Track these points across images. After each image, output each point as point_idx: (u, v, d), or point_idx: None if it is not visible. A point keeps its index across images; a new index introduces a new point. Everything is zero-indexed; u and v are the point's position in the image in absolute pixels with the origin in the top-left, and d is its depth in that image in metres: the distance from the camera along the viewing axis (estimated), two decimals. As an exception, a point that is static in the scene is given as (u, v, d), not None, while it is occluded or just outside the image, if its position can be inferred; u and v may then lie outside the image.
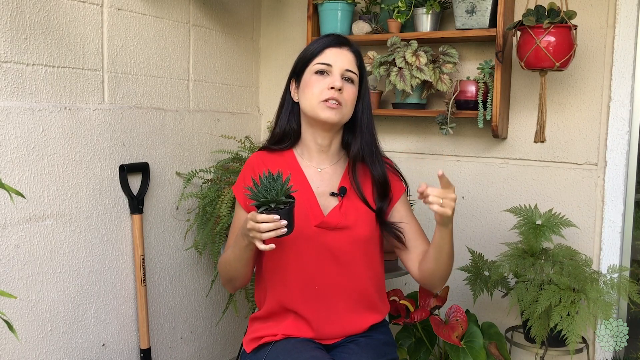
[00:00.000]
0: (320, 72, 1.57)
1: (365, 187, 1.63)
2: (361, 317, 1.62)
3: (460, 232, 2.47)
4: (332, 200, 1.61)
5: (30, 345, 1.87)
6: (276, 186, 1.37)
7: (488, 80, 2.23)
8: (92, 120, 2.03)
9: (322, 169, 1.65)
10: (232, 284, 1.67)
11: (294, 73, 1.65)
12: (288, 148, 1.67)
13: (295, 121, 1.65)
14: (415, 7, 2.35)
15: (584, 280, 1.92)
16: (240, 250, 1.53)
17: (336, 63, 1.57)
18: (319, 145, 1.63)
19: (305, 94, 1.58)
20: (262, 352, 1.58)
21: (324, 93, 1.55)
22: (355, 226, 1.58)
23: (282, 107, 1.68)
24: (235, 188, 1.68)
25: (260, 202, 1.38)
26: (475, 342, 1.96)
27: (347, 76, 1.58)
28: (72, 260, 1.99)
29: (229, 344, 2.74)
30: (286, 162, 1.65)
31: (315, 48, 1.60)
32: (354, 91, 1.59)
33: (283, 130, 1.66)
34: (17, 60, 1.80)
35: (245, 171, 1.66)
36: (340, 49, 1.60)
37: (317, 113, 1.56)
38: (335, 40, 1.61)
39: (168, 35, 2.34)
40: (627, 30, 2.12)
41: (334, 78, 1.55)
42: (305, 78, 1.59)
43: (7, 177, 1.77)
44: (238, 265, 1.58)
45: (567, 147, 2.27)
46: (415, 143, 2.56)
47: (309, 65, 1.59)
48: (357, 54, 1.63)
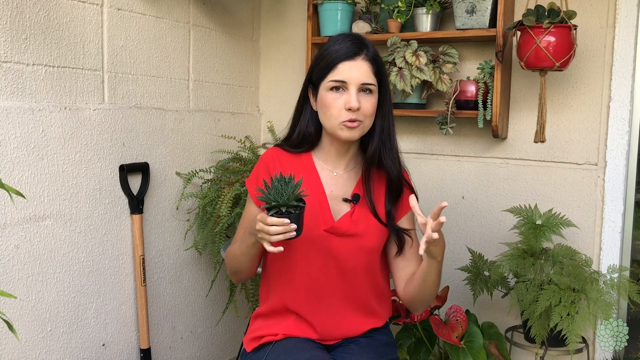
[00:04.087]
0: (336, 87, 1.52)
1: (379, 195, 1.61)
2: (360, 322, 1.62)
3: (460, 232, 2.47)
4: (344, 206, 1.60)
5: (30, 345, 1.87)
6: (287, 190, 1.35)
7: (488, 80, 2.23)
8: (92, 120, 2.03)
9: (337, 173, 1.63)
10: (238, 276, 1.68)
11: (309, 81, 1.60)
12: (306, 151, 1.65)
13: (313, 127, 1.62)
14: (415, 7, 2.35)
15: (584, 280, 1.92)
16: (246, 247, 1.53)
17: (351, 79, 1.50)
18: (337, 150, 1.61)
19: (324, 112, 1.54)
20: (263, 352, 1.58)
21: (342, 114, 1.50)
22: (364, 235, 1.57)
23: (299, 113, 1.64)
24: (249, 182, 1.64)
25: (271, 205, 1.37)
26: (475, 342, 1.96)
27: (365, 88, 1.52)
28: (72, 260, 1.99)
29: (229, 344, 2.74)
30: (302, 163, 1.63)
31: (328, 60, 1.53)
32: (373, 102, 1.54)
33: (302, 136, 1.62)
34: (17, 60, 1.80)
35: (259, 166, 1.64)
36: (354, 61, 1.51)
37: (337, 133, 1.53)
38: (348, 51, 1.52)
39: (168, 35, 2.34)
40: (627, 30, 2.12)
41: (350, 97, 1.49)
42: (322, 95, 1.54)
43: (7, 177, 1.77)
44: (244, 259, 1.58)
45: (567, 147, 2.27)
46: (415, 143, 2.56)
47: (323, 80, 1.54)
48: (373, 61, 1.54)
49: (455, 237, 2.49)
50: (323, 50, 1.57)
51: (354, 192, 1.61)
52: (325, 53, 1.55)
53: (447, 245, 2.47)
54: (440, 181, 2.51)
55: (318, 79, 1.55)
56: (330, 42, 1.57)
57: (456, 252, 2.48)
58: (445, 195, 2.50)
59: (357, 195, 1.60)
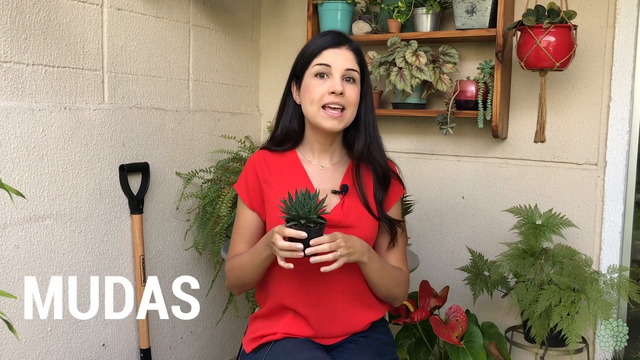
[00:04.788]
0: (320, 74, 1.55)
1: (368, 186, 1.63)
2: (360, 315, 1.62)
3: (460, 232, 2.47)
4: (333, 198, 1.61)
5: (30, 345, 1.87)
6: (310, 203, 1.37)
7: (488, 80, 2.23)
8: (92, 120, 2.03)
9: (324, 166, 1.65)
10: (242, 289, 1.67)
11: (293, 75, 1.63)
12: (290, 149, 1.66)
13: (297, 122, 1.64)
14: (415, 7, 2.35)
15: (584, 280, 1.92)
16: (260, 260, 1.53)
17: (335, 63, 1.54)
18: (321, 144, 1.63)
19: (306, 98, 1.56)
20: (262, 352, 1.58)
21: (325, 98, 1.53)
22: (357, 226, 1.58)
23: (282, 108, 1.66)
24: (238, 186, 1.66)
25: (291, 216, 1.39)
26: (475, 342, 1.96)
27: (348, 75, 1.55)
28: (72, 260, 1.99)
29: (229, 344, 2.74)
30: (288, 161, 1.64)
31: (313, 49, 1.57)
32: (357, 91, 1.57)
33: (285, 132, 1.64)
34: (17, 60, 1.80)
35: (247, 170, 1.65)
36: (339, 49, 1.56)
37: (320, 122, 1.55)
38: (333, 40, 1.58)
39: (168, 35, 2.34)
40: (627, 30, 2.12)
41: (335, 81, 1.53)
42: (306, 81, 1.57)
43: (7, 177, 1.77)
44: (255, 271, 1.58)
45: (567, 147, 2.27)
46: (415, 143, 2.56)
47: (308, 67, 1.57)
48: (357, 52, 1.60)
49: (455, 237, 2.49)
50: (307, 44, 1.62)
51: (342, 184, 1.62)
52: (310, 44, 1.60)
53: (447, 245, 2.49)
54: (440, 181, 2.51)
55: (302, 68, 1.59)
56: (313, 37, 1.63)
57: (456, 252, 2.48)
58: (445, 195, 2.50)
59: (346, 186, 1.61)
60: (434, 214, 2.53)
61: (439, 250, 2.52)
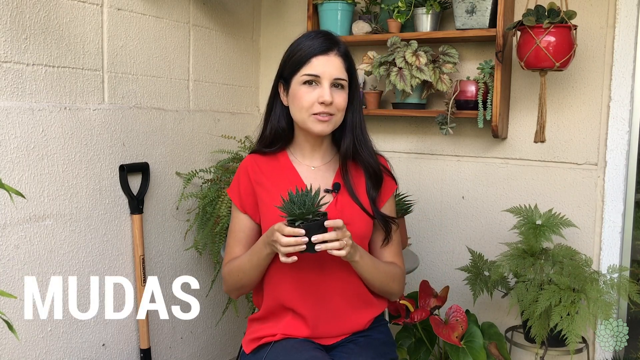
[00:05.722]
0: (309, 82, 1.54)
1: (359, 184, 1.63)
2: (358, 314, 1.62)
3: (460, 232, 2.47)
4: (326, 197, 1.61)
5: (30, 345, 1.87)
6: (308, 200, 1.39)
7: (488, 80, 2.23)
8: (92, 120, 2.03)
9: (315, 166, 1.65)
10: (241, 292, 1.67)
11: (281, 77, 1.62)
12: (280, 150, 1.66)
13: (285, 122, 1.63)
14: (415, 7, 2.35)
15: (584, 280, 1.92)
16: (260, 259, 1.54)
17: (324, 73, 1.53)
18: (311, 144, 1.63)
19: (295, 105, 1.56)
20: (262, 353, 1.58)
21: (314, 107, 1.53)
22: (352, 223, 1.58)
23: (270, 109, 1.65)
24: (230, 191, 1.67)
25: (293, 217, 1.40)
26: (475, 342, 1.96)
27: (337, 83, 1.55)
28: (72, 260, 1.99)
29: (229, 344, 2.74)
30: (279, 163, 1.64)
31: (301, 55, 1.55)
32: (345, 97, 1.57)
33: (274, 132, 1.64)
34: (17, 60, 1.80)
35: (239, 174, 1.65)
36: (327, 56, 1.54)
37: (309, 126, 1.55)
38: (321, 46, 1.55)
39: (168, 35, 2.34)
40: (627, 30, 2.12)
41: (324, 91, 1.52)
42: (294, 88, 1.56)
43: (7, 177, 1.77)
44: (254, 272, 1.58)
45: (567, 147, 2.27)
46: (415, 143, 2.56)
47: (295, 74, 1.56)
48: (345, 56, 1.57)
49: (455, 237, 2.49)
50: (295, 45, 1.60)
51: (334, 182, 1.63)
52: (298, 48, 1.58)
53: (447, 245, 2.49)
54: (440, 181, 2.51)
55: (290, 74, 1.57)
56: (301, 37, 1.60)
57: (456, 252, 2.48)
58: (445, 195, 2.50)
59: (338, 184, 1.62)
60: (434, 214, 2.53)
61: (439, 250, 2.52)
